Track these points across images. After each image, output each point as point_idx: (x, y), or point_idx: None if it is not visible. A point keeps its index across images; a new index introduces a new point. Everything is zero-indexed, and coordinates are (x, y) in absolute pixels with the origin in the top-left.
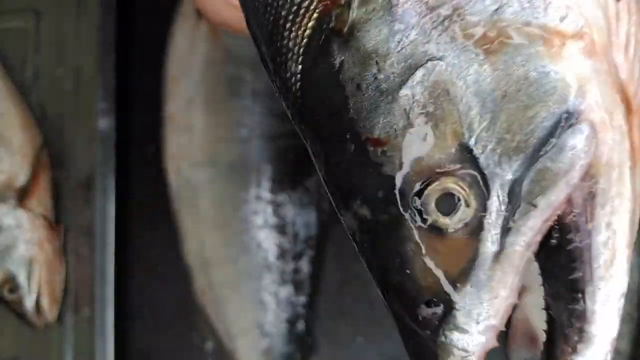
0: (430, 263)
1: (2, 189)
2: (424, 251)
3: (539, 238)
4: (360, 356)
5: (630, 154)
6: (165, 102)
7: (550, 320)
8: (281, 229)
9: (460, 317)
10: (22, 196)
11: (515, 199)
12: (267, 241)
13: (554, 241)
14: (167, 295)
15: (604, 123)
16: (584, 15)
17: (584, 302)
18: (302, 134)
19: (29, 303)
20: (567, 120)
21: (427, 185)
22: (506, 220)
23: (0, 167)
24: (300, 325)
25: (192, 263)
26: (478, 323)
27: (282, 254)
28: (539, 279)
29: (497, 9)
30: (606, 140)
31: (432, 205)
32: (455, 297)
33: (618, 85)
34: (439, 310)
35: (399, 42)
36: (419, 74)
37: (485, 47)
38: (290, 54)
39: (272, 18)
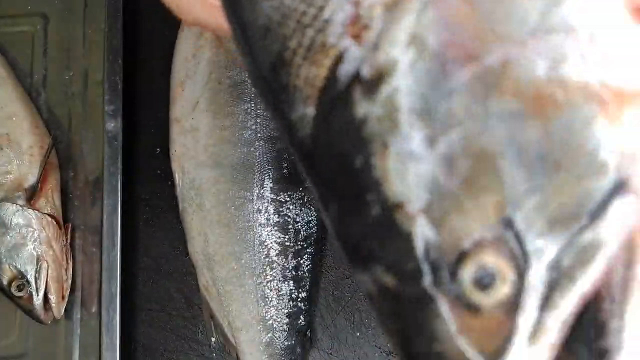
0: (463, 342)
1: (12, 189)
2: (457, 329)
3: (574, 313)
4: (359, 349)
5: None
6: (171, 105)
7: None
8: (283, 227)
9: None
10: (31, 196)
11: (554, 275)
12: (269, 239)
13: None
14: (173, 292)
15: None
16: None
17: None
18: (309, 179)
19: (37, 300)
20: (616, 191)
21: (463, 259)
22: (544, 297)
23: (10, 168)
24: (301, 320)
25: (197, 260)
26: None
27: (283, 251)
28: None
29: (554, 61)
30: None
31: (468, 281)
32: None
33: None
34: None
35: (438, 97)
36: (460, 137)
37: (540, 109)
38: (298, 94)
39: (275, 47)
